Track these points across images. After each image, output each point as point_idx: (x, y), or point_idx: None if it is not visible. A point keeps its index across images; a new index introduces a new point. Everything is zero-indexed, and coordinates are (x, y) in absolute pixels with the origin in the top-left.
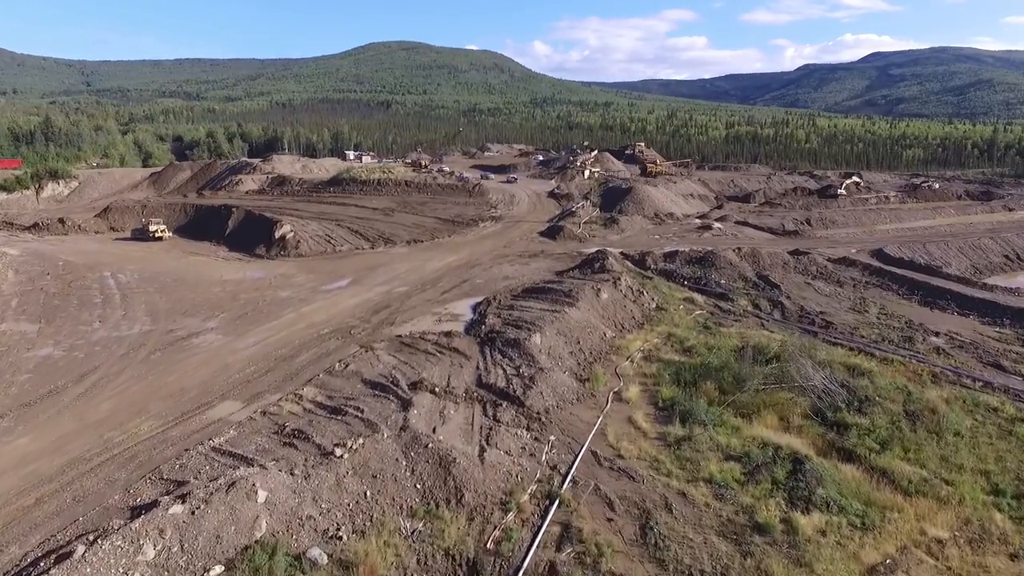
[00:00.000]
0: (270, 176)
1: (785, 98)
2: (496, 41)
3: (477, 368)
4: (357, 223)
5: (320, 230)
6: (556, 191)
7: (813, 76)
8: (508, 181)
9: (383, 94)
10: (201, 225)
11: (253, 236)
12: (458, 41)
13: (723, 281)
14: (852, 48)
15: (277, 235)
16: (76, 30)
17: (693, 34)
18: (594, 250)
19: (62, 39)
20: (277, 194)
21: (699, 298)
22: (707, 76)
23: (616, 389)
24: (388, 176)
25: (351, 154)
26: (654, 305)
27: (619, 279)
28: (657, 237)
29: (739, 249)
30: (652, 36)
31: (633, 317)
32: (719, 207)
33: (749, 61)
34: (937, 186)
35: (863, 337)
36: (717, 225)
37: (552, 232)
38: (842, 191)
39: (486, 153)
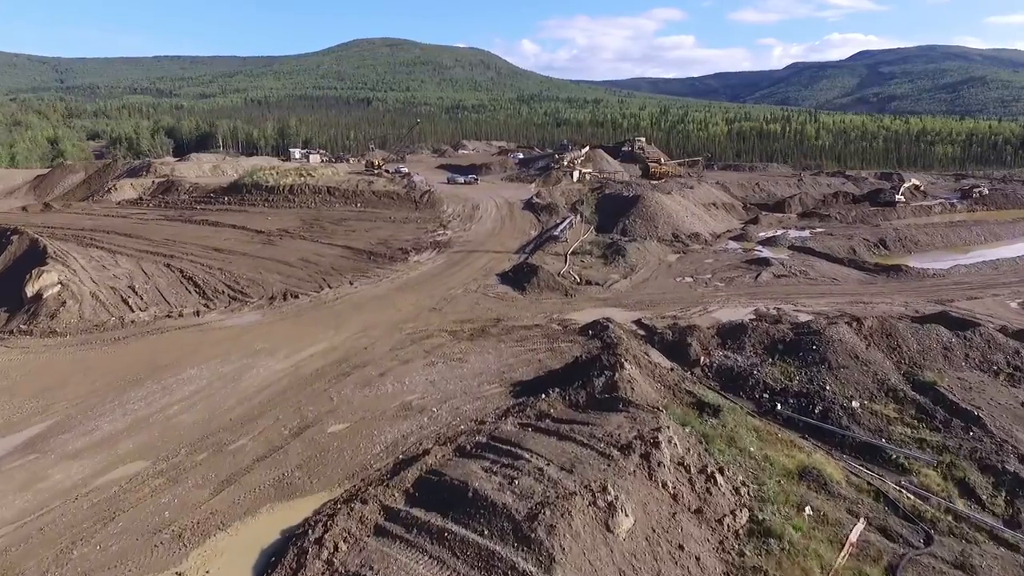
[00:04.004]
0: (156, 181)
1: (775, 96)
2: (484, 40)
3: None
4: (209, 259)
5: (125, 278)
6: (535, 200)
7: (803, 74)
8: (467, 183)
9: (364, 91)
10: None
11: (13, 286)
12: (446, 40)
13: (855, 404)
14: (839, 47)
15: (31, 291)
16: (62, 30)
17: (681, 33)
18: (590, 319)
19: (47, 39)
20: (154, 205)
21: (825, 462)
22: (695, 75)
23: None
24: (305, 181)
25: (297, 152)
26: (744, 518)
27: (658, 447)
28: (688, 280)
29: (859, 323)
30: (640, 35)
31: (702, 569)
32: (754, 221)
33: (737, 60)
34: (986, 191)
35: None
36: (774, 257)
37: (520, 276)
38: (900, 197)
39: (460, 151)
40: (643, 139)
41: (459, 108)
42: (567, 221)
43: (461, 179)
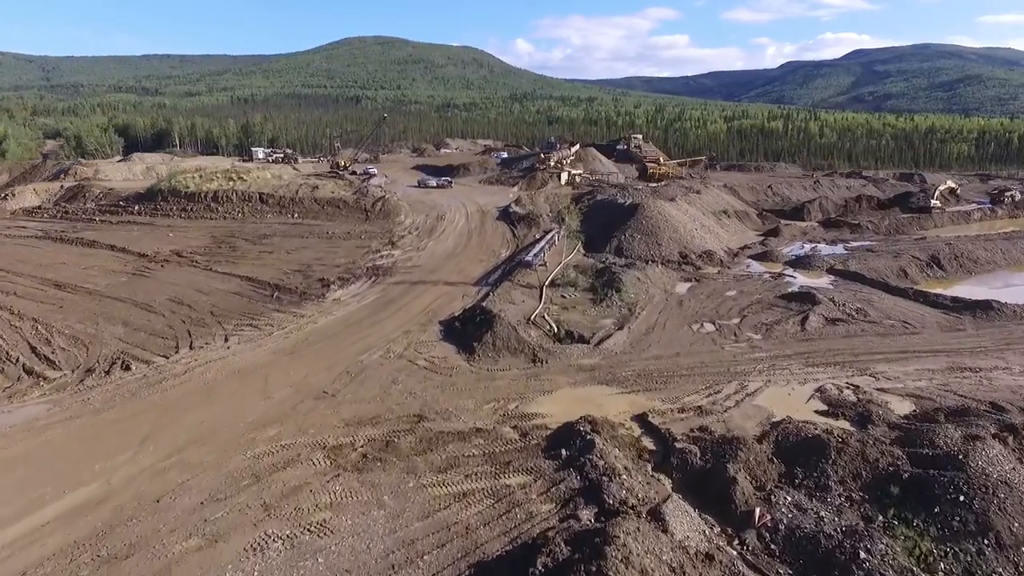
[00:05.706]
0: (64, 187)
1: (770, 95)
2: (479, 39)
3: None
4: (36, 301)
5: None
6: (513, 208)
7: (797, 73)
8: (439, 186)
9: (354, 89)
10: None
11: None
12: (440, 39)
13: None
14: (833, 46)
15: None
16: (54, 29)
17: (675, 32)
18: (565, 417)
19: (39, 39)
20: (52, 215)
21: None
22: (690, 74)
23: None
24: (233, 187)
25: (260, 152)
26: None
27: None
28: (709, 330)
29: (1014, 435)
30: (634, 34)
31: None
32: (773, 232)
33: (730, 59)
34: (1019, 195)
35: None
36: (817, 288)
37: (470, 328)
38: (935, 202)
39: (442, 150)
40: (640, 136)
41: (450, 106)
42: (547, 238)
43: (433, 182)
